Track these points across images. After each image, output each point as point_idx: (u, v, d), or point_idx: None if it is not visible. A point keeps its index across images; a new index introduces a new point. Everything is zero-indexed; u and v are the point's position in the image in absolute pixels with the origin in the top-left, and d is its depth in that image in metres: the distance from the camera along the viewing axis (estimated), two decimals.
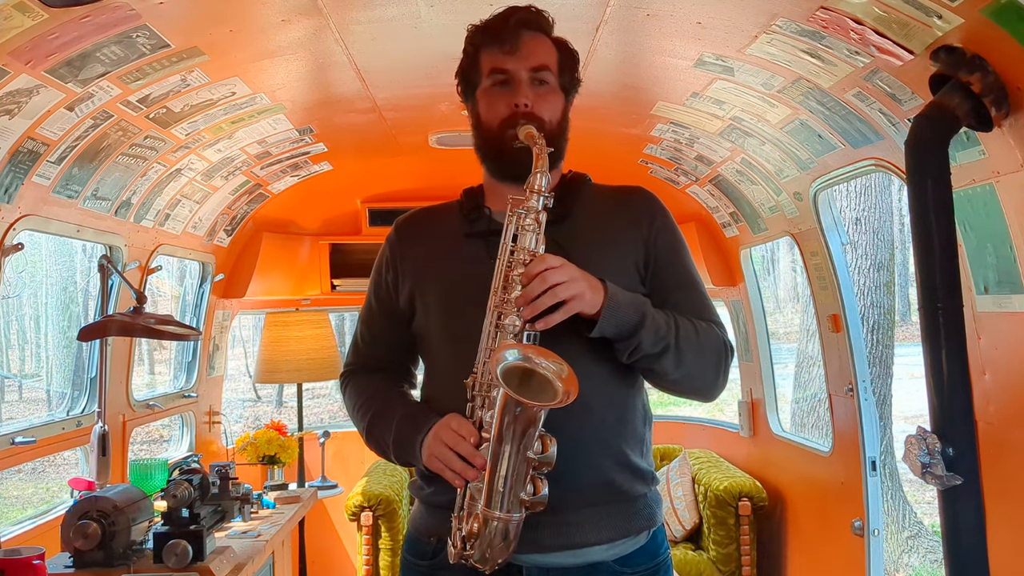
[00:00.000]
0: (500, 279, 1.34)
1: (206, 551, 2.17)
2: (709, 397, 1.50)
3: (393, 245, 1.57)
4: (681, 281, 1.49)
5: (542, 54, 1.46)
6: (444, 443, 1.33)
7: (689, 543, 3.68)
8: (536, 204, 1.35)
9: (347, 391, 1.60)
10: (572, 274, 1.30)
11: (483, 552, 1.28)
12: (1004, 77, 1.50)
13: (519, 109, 1.42)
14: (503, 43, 1.44)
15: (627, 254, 1.46)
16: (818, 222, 2.74)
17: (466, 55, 1.51)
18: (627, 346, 1.36)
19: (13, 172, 2.03)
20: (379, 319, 1.58)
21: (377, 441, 1.50)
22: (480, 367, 1.34)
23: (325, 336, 3.79)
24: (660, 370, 1.40)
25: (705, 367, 1.43)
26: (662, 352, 1.37)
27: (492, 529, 1.26)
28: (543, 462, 1.26)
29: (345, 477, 3.93)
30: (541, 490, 1.26)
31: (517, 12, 1.46)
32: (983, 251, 1.77)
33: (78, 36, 1.72)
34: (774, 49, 1.96)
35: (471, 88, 1.51)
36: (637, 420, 1.46)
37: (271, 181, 3.40)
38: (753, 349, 3.70)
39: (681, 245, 1.52)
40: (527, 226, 1.35)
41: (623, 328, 1.34)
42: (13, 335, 13.97)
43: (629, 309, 1.34)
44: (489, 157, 1.50)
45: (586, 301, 1.31)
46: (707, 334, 1.43)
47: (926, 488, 6.67)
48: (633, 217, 1.49)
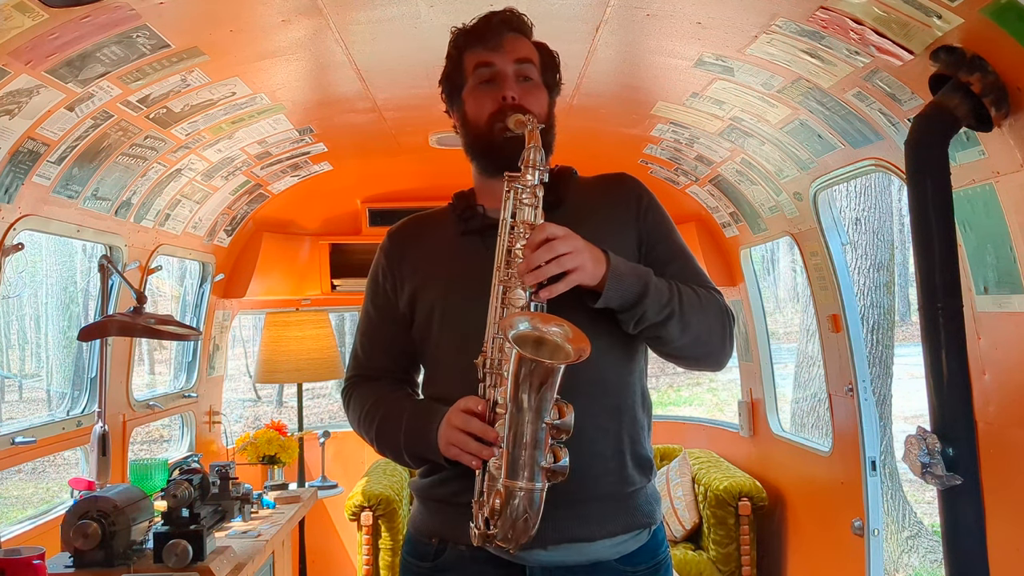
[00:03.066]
0: (503, 255, 1.35)
1: (206, 551, 2.17)
2: (717, 363, 1.49)
3: (388, 253, 1.57)
4: (674, 254, 1.51)
5: (524, 49, 1.48)
6: (456, 427, 1.33)
7: (689, 543, 3.68)
8: (533, 179, 1.35)
9: (351, 402, 1.58)
10: (576, 244, 1.31)
11: (507, 530, 1.26)
12: (1004, 77, 1.51)
13: (507, 102, 1.43)
14: (486, 41, 1.46)
15: (621, 237, 1.47)
16: (818, 222, 2.74)
17: (449, 59, 1.52)
18: (632, 315, 1.36)
19: (13, 172, 2.03)
20: (379, 327, 1.57)
21: (388, 443, 1.48)
22: (489, 345, 1.34)
23: (325, 336, 3.79)
24: (666, 336, 1.40)
25: (711, 331, 1.44)
26: (667, 319, 1.37)
27: (515, 501, 1.24)
28: (561, 428, 1.25)
29: (345, 477, 3.93)
30: (561, 458, 1.25)
31: (498, 13, 1.49)
32: (983, 251, 1.77)
33: (78, 36, 1.72)
34: (774, 49, 1.96)
35: (456, 90, 1.51)
36: (637, 406, 1.46)
37: (271, 181, 3.40)
38: (753, 349, 3.70)
39: (669, 222, 1.55)
40: (525, 200, 1.35)
41: (627, 298, 1.34)
42: (13, 335, 13.97)
43: (632, 278, 1.35)
44: (479, 153, 1.51)
45: (589, 272, 1.31)
46: (708, 299, 1.45)
47: (926, 488, 6.67)
48: (622, 200, 1.51)
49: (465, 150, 1.54)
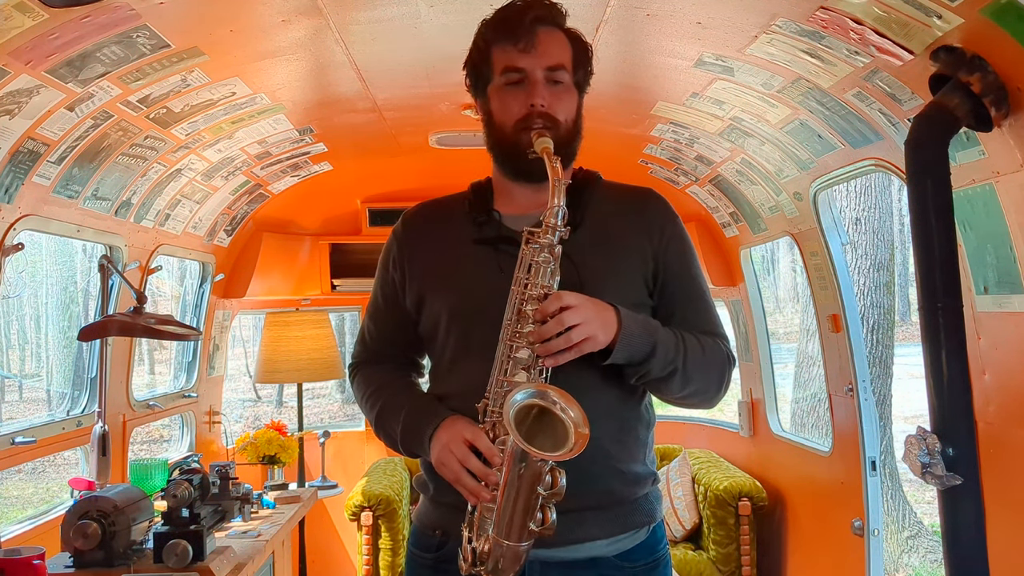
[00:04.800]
0: (514, 311, 1.33)
1: (206, 551, 2.17)
2: (709, 406, 1.52)
3: (401, 241, 1.55)
4: (689, 295, 1.48)
5: (557, 52, 1.42)
6: (455, 455, 1.33)
7: (689, 543, 3.68)
8: (552, 238, 1.33)
9: (356, 382, 1.61)
10: (587, 315, 1.30)
11: (494, 567, 1.31)
12: (1004, 77, 1.50)
13: (535, 109, 1.39)
14: (518, 40, 1.39)
15: (637, 266, 1.45)
16: (818, 222, 2.74)
17: (476, 48, 1.46)
18: (636, 372, 1.37)
19: (13, 172, 2.03)
20: (385, 315, 1.58)
21: (386, 431, 1.50)
22: (491, 393, 1.34)
23: (325, 336, 3.79)
24: (665, 389, 1.42)
25: (708, 384, 1.45)
26: (670, 375, 1.38)
27: (501, 553, 1.29)
28: (553, 495, 1.28)
29: (345, 477, 3.93)
30: (550, 519, 1.28)
31: (533, 8, 1.41)
32: (983, 251, 1.77)
33: (78, 36, 1.72)
34: (774, 49, 1.96)
35: (482, 83, 1.46)
36: (640, 427, 1.46)
37: (271, 181, 3.40)
38: (753, 349, 3.70)
39: (690, 254, 1.52)
40: (541, 261, 1.33)
41: (635, 357, 1.35)
42: (13, 335, 13.97)
43: (641, 340, 1.34)
44: (502, 159, 1.47)
45: (599, 342, 1.31)
46: (713, 351, 1.44)
47: (926, 488, 6.66)
48: (644, 226, 1.48)
49: (487, 148, 1.49)
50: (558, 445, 1.24)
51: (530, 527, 1.27)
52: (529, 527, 1.27)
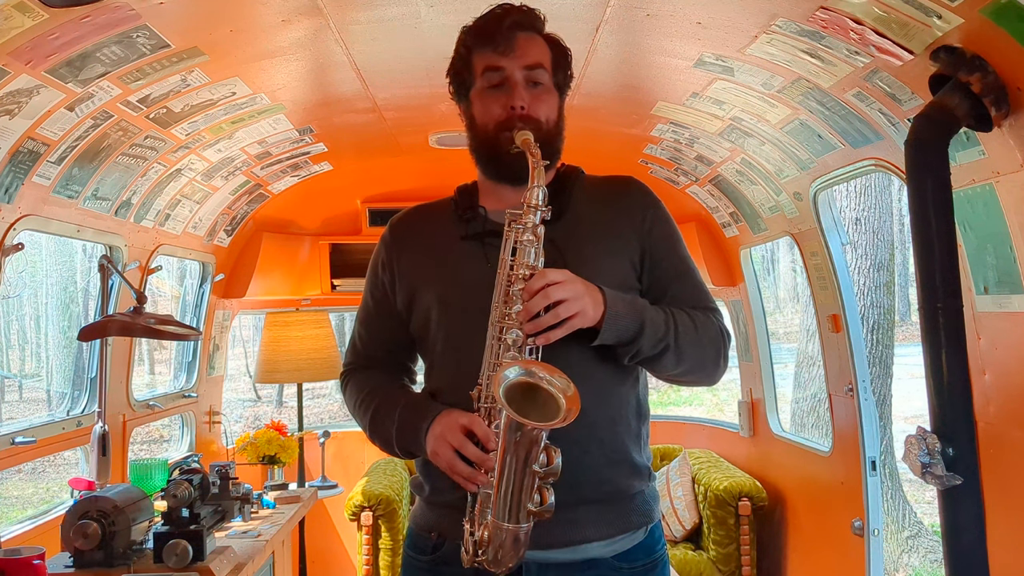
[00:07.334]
0: (501, 293, 1.35)
1: (206, 551, 2.17)
2: (710, 383, 1.52)
3: (388, 246, 1.57)
4: (677, 272, 1.50)
5: (535, 53, 1.45)
6: (450, 444, 1.33)
7: (689, 543, 3.68)
8: (534, 218, 1.35)
9: (347, 389, 1.60)
10: (574, 291, 1.31)
11: (495, 555, 1.31)
12: (1004, 77, 1.51)
13: (515, 111, 1.41)
14: (497, 44, 1.43)
15: (623, 250, 1.47)
16: (818, 222, 2.74)
17: (458, 55, 1.50)
18: (627, 351, 1.38)
19: (13, 172, 2.03)
20: (376, 319, 1.58)
21: (381, 434, 1.50)
22: (484, 379, 1.35)
23: (325, 336, 3.79)
24: (660, 366, 1.43)
25: (704, 359, 1.45)
26: (662, 352, 1.39)
27: (502, 537, 1.29)
28: (549, 473, 1.28)
29: (345, 477, 3.93)
30: (548, 500, 1.28)
31: (511, 13, 1.45)
32: (983, 251, 1.77)
33: (78, 36, 1.72)
34: (774, 49, 1.96)
35: (464, 88, 1.50)
36: (631, 416, 1.47)
37: (271, 181, 3.40)
38: (753, 349, 3.70)
39: (675, 234, 1.53)
40: (526, 241, 1.35)
41: (623, 336, 1.36)
42: (13, 335, 13.97)
43: (629, 318, 1.35)
44: (485, 160, 1.50)
45: (588, 317, 1.32)
46: (705, 326, 1.45)
47: (926, 488, 6.67)
48: (627, 211, 1.50)
49: (470, 151, 1.52)
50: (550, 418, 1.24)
51: (528, 507, 1.28)
52: (527, 507, 1.28)
